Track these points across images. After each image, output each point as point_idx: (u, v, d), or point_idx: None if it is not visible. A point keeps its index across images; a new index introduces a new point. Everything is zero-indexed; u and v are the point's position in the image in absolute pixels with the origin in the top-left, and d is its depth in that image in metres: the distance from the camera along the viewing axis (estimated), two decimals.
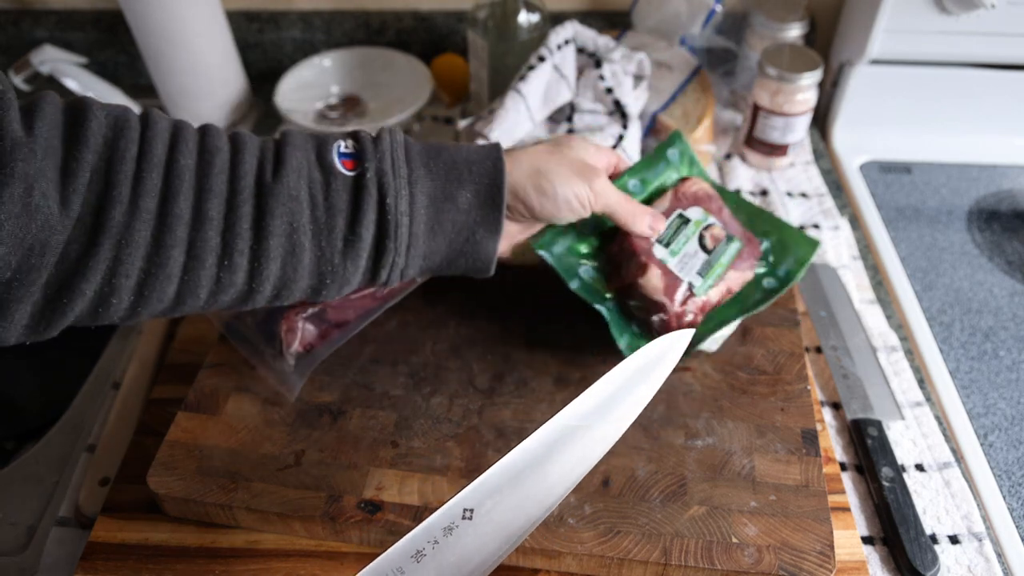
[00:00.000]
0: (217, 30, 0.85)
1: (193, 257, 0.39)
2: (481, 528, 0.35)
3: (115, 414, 0.60)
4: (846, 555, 0.49)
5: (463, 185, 0.45)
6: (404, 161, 0.44)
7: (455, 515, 0.35)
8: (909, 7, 0.79)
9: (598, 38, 0.78)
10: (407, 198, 0.43)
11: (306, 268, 0.42)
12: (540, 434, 0.37)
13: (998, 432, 0.60)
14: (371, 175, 0.42)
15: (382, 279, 0.45)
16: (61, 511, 0.54)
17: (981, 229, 0.79)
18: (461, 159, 0.45)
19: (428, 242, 0.45)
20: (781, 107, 0.78)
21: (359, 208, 0.42)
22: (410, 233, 0.43)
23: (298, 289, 0.43)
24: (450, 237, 0.45)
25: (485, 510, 0.35)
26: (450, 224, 0.45)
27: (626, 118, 0.76)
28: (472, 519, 0.35)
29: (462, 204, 0.45)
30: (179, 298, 0.40)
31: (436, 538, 0.34)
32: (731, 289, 0.58)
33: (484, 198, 0.45)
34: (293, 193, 0.41)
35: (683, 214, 0.61)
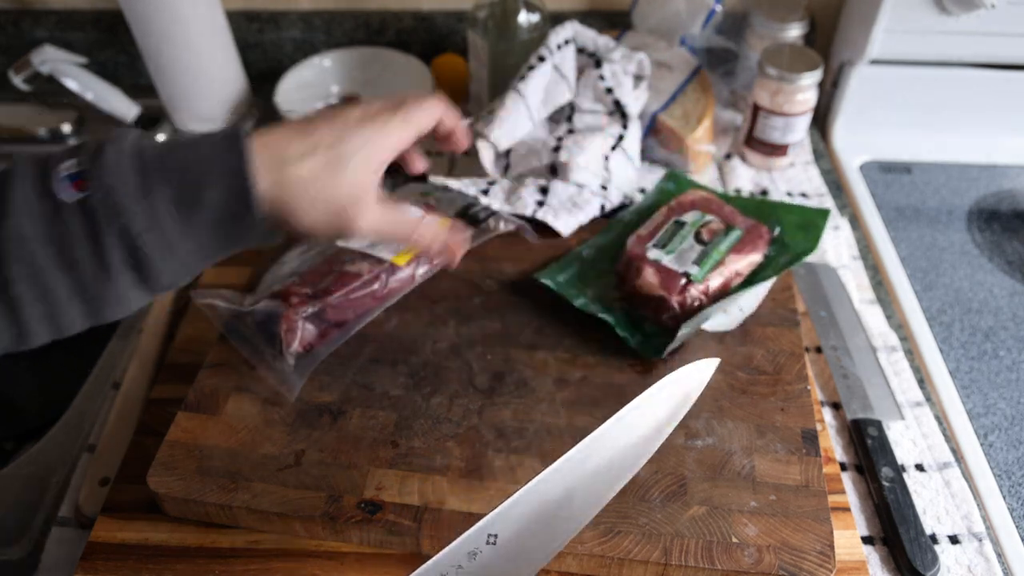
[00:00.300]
0: (217, 30, 0.85)
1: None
2: (505, 554, 0.34)
3: (115, 414, 0.60)
4: (846, 555, 0.49)
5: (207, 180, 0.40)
6: (134, 170, 0.39)
7: (479, 540, 0.34)
8: (909, 7, 0.79)
9: (598, 38, 0.78)
10: (144, 212, 0.39)
11: (68, 302, 0.39)
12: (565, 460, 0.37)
13: (998, 432, 0.60)
14: (99, 195, 0.38)
15: (159, 289, 0.42)
16: (61, 511, 0.54)
17: (981, 229, 0.79)
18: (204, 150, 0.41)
19: (187, 243, 0.41)
20: (781, 107, 0.78)
21: (96, 234, 0.38)
22: (162, 244, 0.40)
23: (75, 319, 0.40)
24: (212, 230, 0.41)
25: (509, 536, 0.35)
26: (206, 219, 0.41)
27: (626, 118, 0.76)
28: (496, 544, 0.35)
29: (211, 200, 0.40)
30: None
31: (460, 563, 0.34)
32: (739, 272, 0.59)
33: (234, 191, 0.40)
34: (24, 233, 0.38)
35: (678, 220, 0.62)
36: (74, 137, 0.92)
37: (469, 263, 0.65)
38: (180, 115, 0.90)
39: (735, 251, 0.59)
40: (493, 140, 0.73)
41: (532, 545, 0.35)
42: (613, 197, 0.72)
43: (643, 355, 0.57)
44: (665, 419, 0.39)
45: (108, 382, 0.63)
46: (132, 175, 0.39)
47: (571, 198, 0.70)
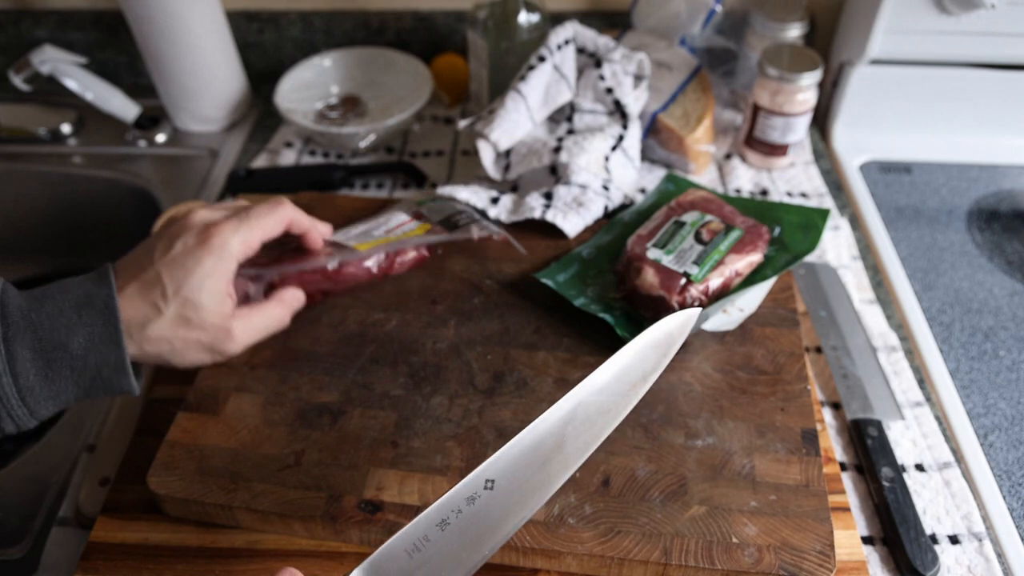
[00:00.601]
0: (217, 30, 0.85)
1: None
2: (502, 498, 0.36)
3: (115, 414, 0.60)
4: (846, 555, 0.49)
5: (73, 331, 0.43)
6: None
7: (478, 486, 0.36)
8: (909, 7, 0.79)
9: (598, 38, 0.78)
10: (3, 357, 0.41)
11: None
12: (557, 408, 0.38)
13: (998, 432, 0.60)
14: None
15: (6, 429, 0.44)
16: (61, 511, 0.54)
17: (981, 229, 0.79)
18: (69, 303, 0.43)
19: (47, 388, 0.43)
20: (781, 107, 0.78)
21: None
22: (18, 388, 0.42)
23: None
24: (74, 380, 0.44)
25: (506, 481, 0.36)
26: (68, 370, 0.43)
27: (626, 118, 0.76)
28: (493, 489, 0.36)
29: (76, 350, 0.43)
30: None
31: (460, 507, 0.36)
32: (739, 272, 0.59)
33: (100, 340, 0.43)
34: None
35: (678, 220, 0.62)
36: (74, 137, 0.92)
37: (469, 263, 0.65)
38: (180, 115, 0.91)
39: (735, 251, 0.60)
40: (493, 140, 0.73)
41: (527, 489, 0.37)
42: (615, 197, 0.72)
43: None
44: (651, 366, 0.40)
45: None
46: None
47: (576, 199, 0.70)
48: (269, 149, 0.88)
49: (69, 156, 0.90)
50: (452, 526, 0.35)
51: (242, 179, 0.80)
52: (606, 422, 0.39)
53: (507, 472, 0.37)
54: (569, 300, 0.60)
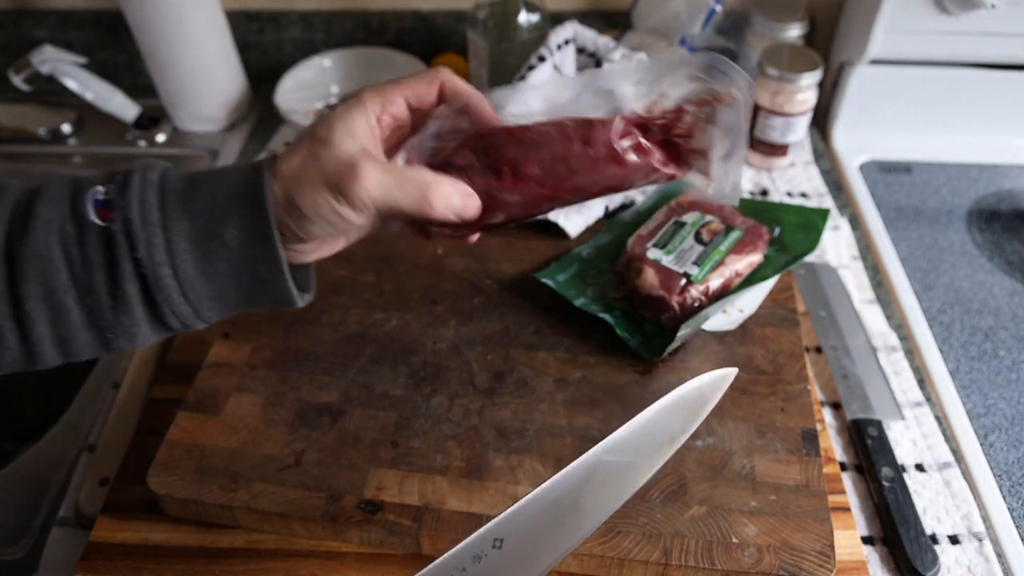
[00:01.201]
0: (217, 30, 0.85)
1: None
2: (510, 558, 0.34)
3: (115, 414, 0.60)
4: (846, 555, 0.49)
5: (227, 221, 0.40)
6: (157, 205, 0.39)
7: (485, 544, 0.34)
8: (909, 7, 0.79)
9: (598, 38, 0.78)
10: (162, 246, 0.39)
11: (78, 327, 0.40)
12: (575, 466, 0.36)
13: (998, 432, 0.60)
14: (118, 225, 0.38)
15: (174, 326, 0.41)
16: (61, 511, 0.54)
17: (981, 229, 0.79)
18: (223, 191, 0.40)
19: (207, 285, 0.40)
20: (781, 107, 0.78)
21: (115, 262, 0.39)
22: (178, 281, 0.39)
23: (83, 345, 0.40)
24: (233, 278, 0.41)
25: (515, 541, 0.35)
26: (225, 264, 0.40)
27: None
28: (502, 548, 0.34)
29: (231, 242, 0.40)
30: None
31: (465, 566, 0.34)
32: (739, 272, 0.59)
33: (252, 233, 0.40)
34: (43, 252, 0.38)
35: (678, 220, 0.62)
36: (74, 137, 0.92)
37: (469, 263, 0.65)
38: (180, 115, 0.90)
39: (735, 251, 0.60)
40: None
41: (537, 550, 0.35)
42: (615, 197, 0.72)
43: (643, 355, 0.57)
44: (680, 427, 0.38)
45: (108, 382, 0.63)
46: (153, 209, 0.39)
47: None
48: (269, 149, 0.88)
49: (69, 156, 0.90)
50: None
51: None
52: (627, 484, 0.36)
53: (517, 531, 0.34)
54: (569, 300, 0.60)
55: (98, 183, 0.40)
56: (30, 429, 0.71)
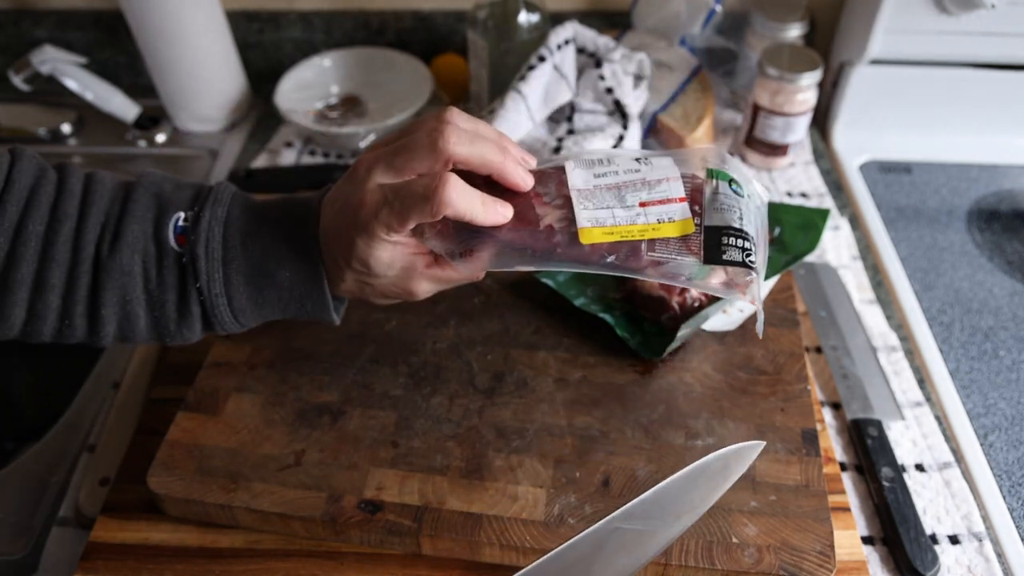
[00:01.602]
0: (217, 30, 0.85)
1: (34, 316, 0.44)
2: None
3: (115, 414, 0.60)
4: (846, 555, 0.49)
5: (281, 264, 0.45)
6: (220, 241, 0.45)
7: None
8: (909, 7, 0.79)
9: (598, 38, 0.78)
10: (220, 280, 0.45)
11: (143, 330, 0.46)
12: (590, 533, 0.36)
13: (998, 432, 0.60)
14: (188, 257, 0.44)
15: (221, 334, 0.49)
16: (61, 511, 0.54)
17: (981, 229, 0.79)
18: (281, 235, 0.45)
19: (257, 312, 0.47)
20: (781, 107, 0.78)
21: (184, 286, 0.45)
22: (232, 309, 0.46)
23: (140, 340, 0.47)
24: (280, 308, 0.47)
25: None
26: (276, 299, 0.46)
27: (626, 118, 0.76)
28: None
29: (283, 282, 0.45)
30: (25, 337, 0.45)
31: None
32: None
33: (304, 276, 0.45)
34: (126, 268, 0.44)
35: None
36: (74, 137, 0.92)
37: None
38: (180, 115, 0.90)
39: None
40: None
41: None
42: None
43: (643, 355, 0.57)
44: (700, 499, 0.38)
45: (108, 382, 0.63)
46: (217, 246, 0.45)
47: None
48: (269, 149, 0.88)
49: (69, 156, 0.90)
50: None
51: (242, 179, 0.80)
52: (642, 552, 0.36)
53: None
54: (569, 300, 0.60)
55: (181, 207, 0.46)
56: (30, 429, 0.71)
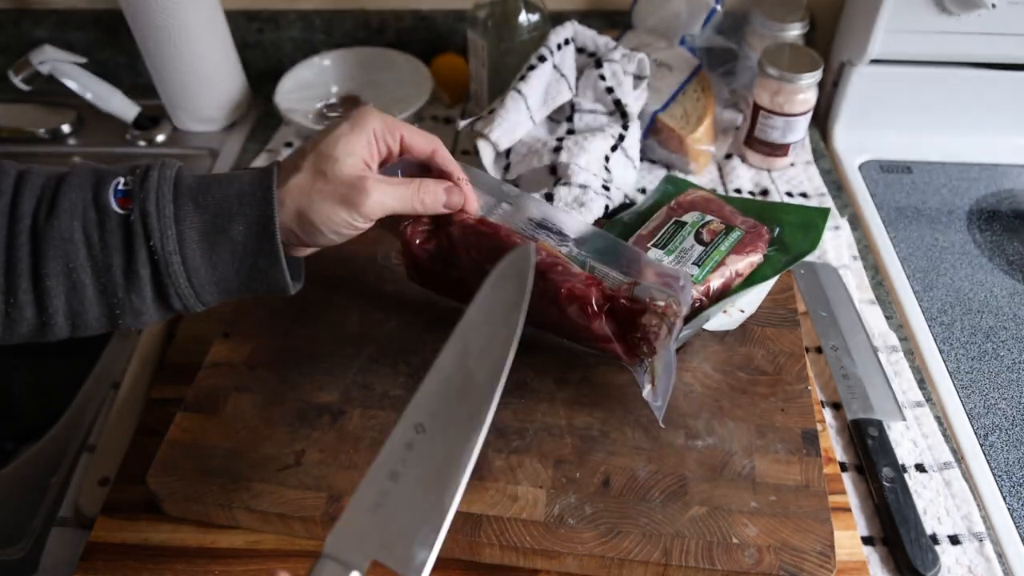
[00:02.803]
0: (217, 30, 0.85)
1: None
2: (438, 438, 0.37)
3: (115, 414, 0.60)
4: (846, 555, 0.49)
5: (234, 219, 0.45)
6: (171, 199, 0.44)
7: (408, 432, 0.37)
8: (909, 7, 0.79)
9: (598, 38, 0.78)
10: (174, 237, 0.44)
11: (91, 302, 0.44)
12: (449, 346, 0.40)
13: (998, 432, 0.60)
14: (136, 215, 0.43)
15: (176, 307, 0.46)
16: (61, 511, 0.54)
17: (981, 229, 0.79)
18: (232, 192, 0.45)
19: (211, 272, 0.45)
20: (781, 107, 0.78)
21: (131, 248, 0.44)
22: (186, 268, 0.44)
23: (92, 319, 0.45)
24: (234, 267, 0.46)
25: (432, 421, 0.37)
26: (229, 255, 0.45)
27: (626, 118, 0.76)
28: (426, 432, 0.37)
29: (236, 236, 0.45)
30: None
31: (402, 456, 0.37)
32: (739, 272, 0.59)
33: (256, 231, 0.45)
34: (66, 235, 0.43)
35: (679, 220, 0.62)
36: (74, 137, 0.92)
37: None
38: (180, 115, 0.90)
39: (735, 251, 0.59)
40: (493, 140, 0.73)
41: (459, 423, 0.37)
42: (615, 197, 0.72)
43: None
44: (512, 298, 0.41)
45: (108, 382, 0.63)
46: (167, 203, 0.44)
47: (576, 199, 0.70)
48: (269, 149, 0.88)
49: (69, 156, 0.90)
50: (403, 475, 0.36)
51: None
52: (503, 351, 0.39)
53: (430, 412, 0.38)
54: None
55: (120, 175, 0.45)
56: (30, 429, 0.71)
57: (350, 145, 0.46)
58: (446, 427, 0.37)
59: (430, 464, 0.36)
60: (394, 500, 0.35)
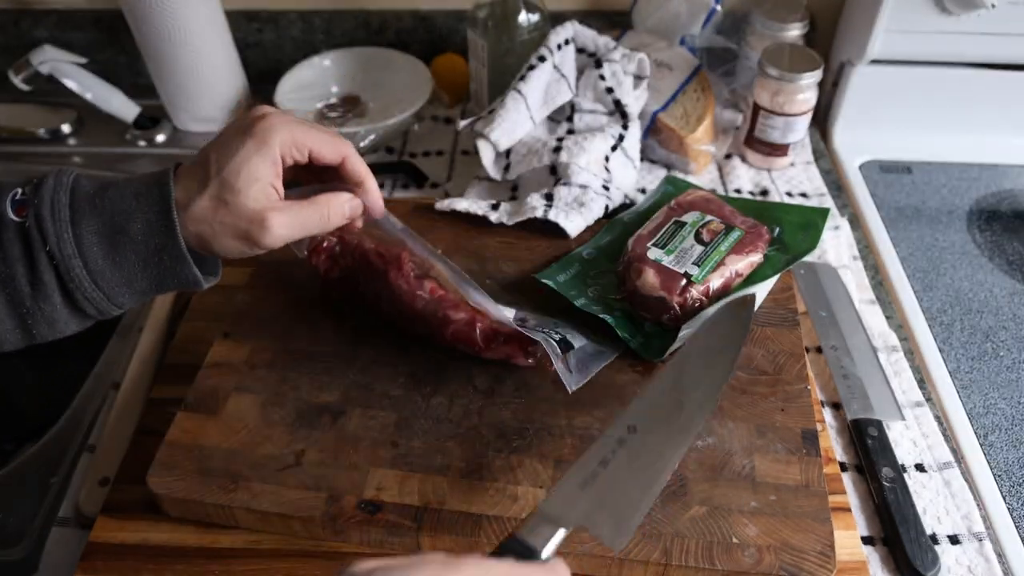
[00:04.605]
0: (217, 30, 0.85)
1: None
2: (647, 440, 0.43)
3: (115, 414, 0.60)
4: (846, 555, 0.49)
5: (132, 217, 0.44)
6: (66, 203, 0.43)
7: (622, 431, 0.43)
8: (909, 7, 0.79)
9: (598, 38, 0.78)
10: (70, 240, 0.43)
11: (2, 314, 0.44)
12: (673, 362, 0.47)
13: (998, 432, 0.60)
14: (31, 222, 0.43)
15: (90, 313, 0.45)
16: (61, 511, 0.54)
17: (981, 229, 0.79)
18: (130, 191, 0.45)
19: (116, 273, 0.45)
20: (781, 107, 0.78)
21: (31, 256, 0.43)
22: (89, 271, 0.44)
23: (6, 332, 0.44)
24: (140, 265, 0.45)
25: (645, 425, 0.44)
26: (132, 255, 0.45)
27: (626, 118, 0.76)
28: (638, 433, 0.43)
29: (136, 235, 0.44)
30: None
31: (613, 448, 0.43)
32: (740, 272, 0.59)
33: (157, 227, 0.44)
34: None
35: (678, 220, 0.62)
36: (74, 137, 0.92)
37: (470, 263, 0.65)
38: (180, 115, 0.90)
39: (735, 251, 0.59)
40: (493, 140, 0.73)
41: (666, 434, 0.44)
42: (615, 197, 0.72)
43: (643, 356, 0.57)
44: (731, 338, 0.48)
45: (108, 382, 0.63)
46: (63, 208, 0.43)
47: (576, 199, 0.70)
48: None
49: (69, 156, 0.90)
50: (612, 464, 0.42)
51: None
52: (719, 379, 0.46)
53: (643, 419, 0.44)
54: (570, 300, 0.60)
55: (18, 185, 0.44)
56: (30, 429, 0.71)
57: (254, 171, 0.45)
58: (656, 432, 0.44)
59: (637, 459, 0.42)
60: (602, 482, 0.41)
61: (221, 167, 0.45)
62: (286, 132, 0.46)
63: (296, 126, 0.47)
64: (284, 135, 0.46)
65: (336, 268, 0.60)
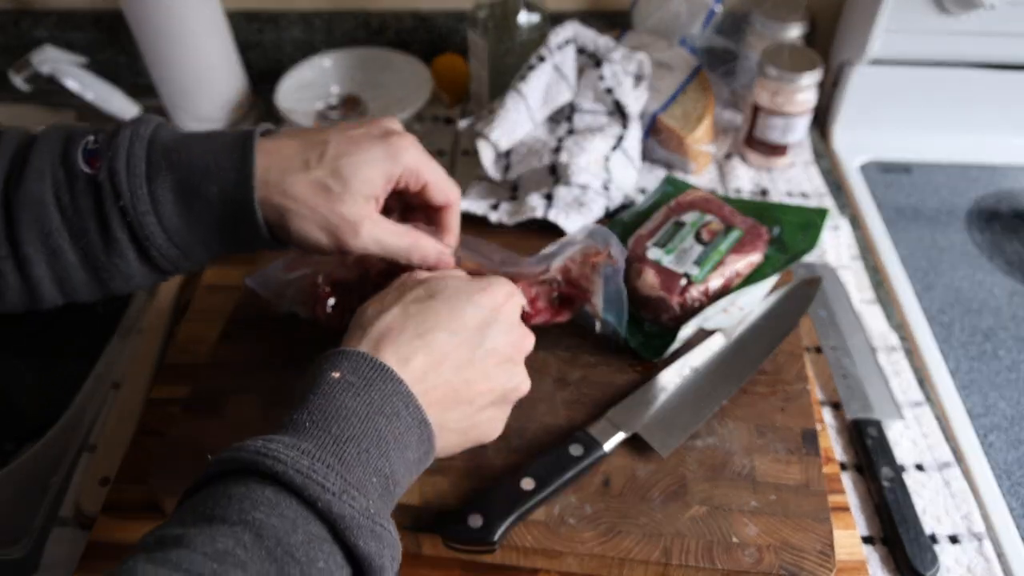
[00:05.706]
0: (217, 30, 0.85)
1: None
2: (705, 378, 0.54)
3: (115, 414, 0.60)
4: (846, 555, 0.49)
5: (211, 178, 0.42)
6: (143, 157, 0.41)
7: (685, 370, 0.55)
8: (909, 7, 0.79)
9: (598, 38, 0.78)
10: (146, 196, 0.41)
11: (75, 267, 0.42)
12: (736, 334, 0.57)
13: (998, 432, 0.60)
14: (104, 175, 0.40)
15: (166, 268, 0.44)
16: (61, 511, 0.54)
17: (981, 229, 0.80)
18: (210, 150, 0.42)
19: (192, 232, 0.43)
20: (781, 107, 0.78)
21: (102, 210, 0.41)
22: (163, 228, 0.42)
23: (80, 284, 0.43)
24: (216, 227, 0.43)
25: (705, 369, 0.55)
26: (207, 215, 0.42)
27: (626, 118, 0.76)
28: (698, 371, 0.55)
29: (212, 198, 0.42)
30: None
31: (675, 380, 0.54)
32: (739, 272, 0.59)
33: (233, 195, 0.42)
34: (37, 197, 0.40)
35: (678, 220, 0.62)
36: None
37: None
38: (180, 115, 0.90)
39: (735, 251, 0.60)
40: (493, 140, 0.73)
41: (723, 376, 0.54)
42: (615, 197, 0.72)
43: (643, 356, 0.57)
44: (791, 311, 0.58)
45: (108, 382, 0.63)
46: (139, 162, 0.41)
47: (576, 199, 0.70)
48: None
49: None
50: (670, 392, 0.53)
51: None
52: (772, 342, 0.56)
53: (705, 364, 0.55)
54: None
55: (90, 133, 0.42)
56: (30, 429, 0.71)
57: (372, 175, 0.44)
58: (714, 375, 0.54)
59: (691, 391, 0.53)
60: (662, 404, 0.52)
61: (339, 156, 0.43)
62: (417, 157, 0.45)
63: (426, 156, 0.46)
64: (414, 159, 0.45)
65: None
